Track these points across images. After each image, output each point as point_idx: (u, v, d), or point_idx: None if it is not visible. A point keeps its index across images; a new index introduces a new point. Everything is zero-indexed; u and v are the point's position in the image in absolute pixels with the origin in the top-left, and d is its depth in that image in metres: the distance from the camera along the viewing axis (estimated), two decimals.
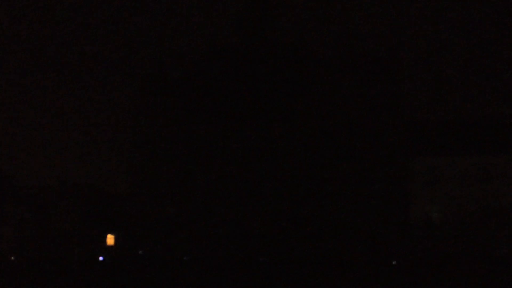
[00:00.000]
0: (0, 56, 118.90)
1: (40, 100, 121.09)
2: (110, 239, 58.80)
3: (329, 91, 56.23)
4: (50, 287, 38.10)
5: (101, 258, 50.72)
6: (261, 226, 55.46)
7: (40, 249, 56.28)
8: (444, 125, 57.64)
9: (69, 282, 39.62)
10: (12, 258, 51.26)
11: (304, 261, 48.08)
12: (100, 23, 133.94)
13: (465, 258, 44.50)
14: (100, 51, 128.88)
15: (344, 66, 56.37)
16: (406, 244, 52.46)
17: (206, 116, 58.32)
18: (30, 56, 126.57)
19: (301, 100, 56.13)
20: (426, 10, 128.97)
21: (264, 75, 60.69)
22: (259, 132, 57.51)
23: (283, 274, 39.09)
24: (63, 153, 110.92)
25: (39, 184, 62.89)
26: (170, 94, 58.62)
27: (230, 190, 56.88)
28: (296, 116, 56.53)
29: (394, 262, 43.75)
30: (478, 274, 38.08)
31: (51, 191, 60.45)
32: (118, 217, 58.34)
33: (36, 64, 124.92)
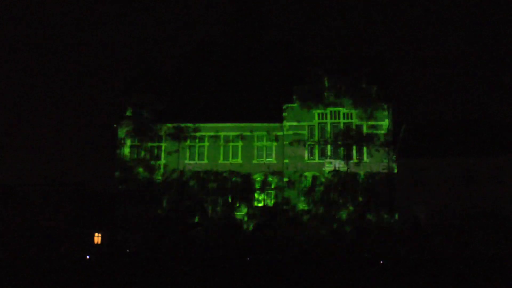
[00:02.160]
0: None
1: (27, 98, 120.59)
2: (97, 238, 58.71)
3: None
4: (36, 286, 37.98)
5: (87, 257, 50.64)
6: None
7: (26, 247, 56.04)
8: (431, 126, 58.02)
9: (56, 281, 39.52)
10: None
11: (293, 259, 48.24)
12: (88, 18, 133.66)
13: (452, 259, 44.90)
14: (91, 49, 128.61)
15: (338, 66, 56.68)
16: (393, 244, 52.83)
17: (195, 114, 58.28)
18: (18, 55, 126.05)
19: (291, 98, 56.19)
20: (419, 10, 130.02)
21: (254, 72, 60.82)
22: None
23: (274, 272, 39.27)
24: (51, 151, 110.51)
25: (26, 182, 62.53)
26: (158, 91, 58.56)
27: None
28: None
29: (381, 262, 44.05)
30: (465, 274, 38.45)
31: (38, 189, 60.12)
32: (106, 216, 58.23)
33: (23, 62, 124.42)
